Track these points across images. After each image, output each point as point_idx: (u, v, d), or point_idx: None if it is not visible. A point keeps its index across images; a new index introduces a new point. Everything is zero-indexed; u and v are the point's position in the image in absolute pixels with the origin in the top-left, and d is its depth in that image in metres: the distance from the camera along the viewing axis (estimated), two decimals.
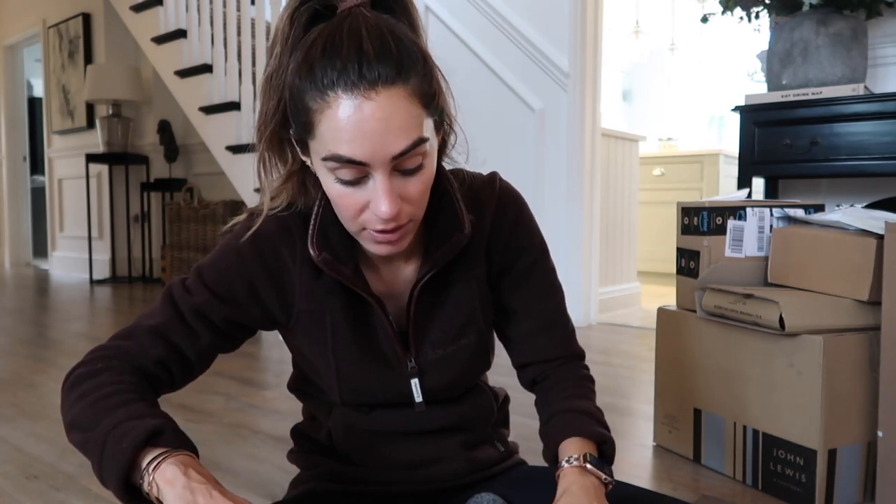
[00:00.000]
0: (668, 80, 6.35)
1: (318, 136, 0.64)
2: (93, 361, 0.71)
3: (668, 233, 4.68)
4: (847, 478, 1.26)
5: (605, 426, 0.78)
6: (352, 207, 0.66)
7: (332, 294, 0.75)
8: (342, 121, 0.61)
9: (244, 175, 3.27)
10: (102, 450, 0.62)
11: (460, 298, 0.79)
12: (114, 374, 0.69)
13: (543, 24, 3.32)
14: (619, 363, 2.49)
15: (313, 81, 0.62)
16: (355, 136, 0.61)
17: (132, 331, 0.74)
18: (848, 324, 1.27)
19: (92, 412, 0.65)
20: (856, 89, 1.91)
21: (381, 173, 0.63)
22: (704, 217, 1.48)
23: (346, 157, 0.62)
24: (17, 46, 6.37)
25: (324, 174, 0.66)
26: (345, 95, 0.61)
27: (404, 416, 0.80)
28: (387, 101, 0.61)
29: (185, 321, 0.74)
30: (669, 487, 1.38)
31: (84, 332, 3.18)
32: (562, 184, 3.27)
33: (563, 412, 0.79)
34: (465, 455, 0.84)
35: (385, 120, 0.61)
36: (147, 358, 0.72)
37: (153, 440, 0.61)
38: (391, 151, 0.62)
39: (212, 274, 0.75)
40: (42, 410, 1.89)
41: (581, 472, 0.71)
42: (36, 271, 5.97)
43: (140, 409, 0.65)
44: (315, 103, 0.62)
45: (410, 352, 0.78)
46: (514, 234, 0.81)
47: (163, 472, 0.60)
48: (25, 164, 6.56)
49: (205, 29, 3.47)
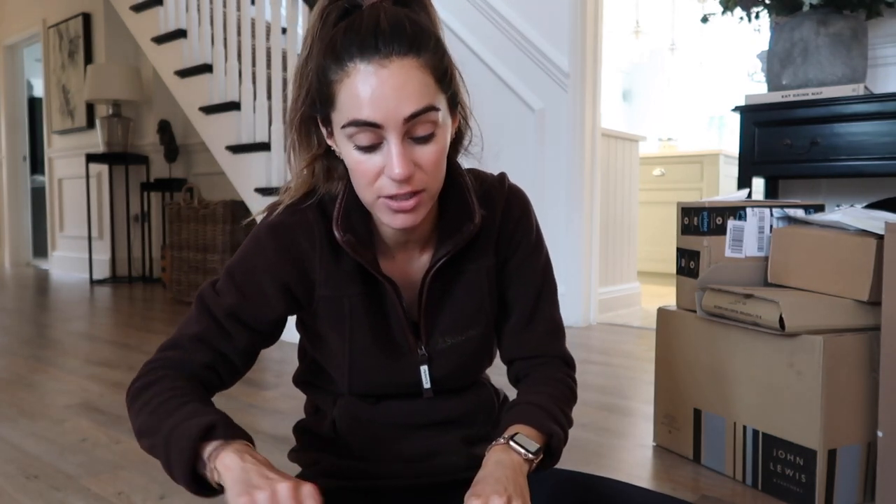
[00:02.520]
0: (668, 80, 6.34)
1: (338, 106, 0.69)
2: (147, 374, 0.76)
3: (668, 233, 4.68)
4: (847, 478, 1.26)
5: (560, 424, 0.80)
6: (368, 174, 0.70)
7: (351, 281, 0.79)
8: (359, 86, 0.67)
9: (244, 175, 3.27)
10: (168, 452, 0.67)
11: (471, 288, 0.83)
12: (167, 382, 0.74)
13: (543, 24, 3.32)
14: (619, 363, 2.49)
15: (335, 57, 0.68)
16: (371, 100, 0.67)
17: (176, 341, 0.78)
18: (848, 324, 1.27)
19: (154, 419, 0.70)
20: (856, 89, 1.91)
21: (395, 136, 0.68)
22: (704, 217, 1.48)
23: (362, 119, 0.67)
24: (17, 46, 6.37)
25: (344, 145, 0.71)
26: (362, 65, 0.67)
27: (410, 406, 0.84)
28: (400, 70, 0.67)
29: (221, 325, 0.77)
30: (669, 487, 1.38)
31: (84, 332, 3.18)
32: (562, 184, 3.27)
33: (520, 404, 0.82)
34: (465, 450, 0.86)
35: (398, 86, 0.67)
36: (194, 364, 0.76)
37: (209, 435, 0.66)
38: (403, 113, 0.67)
39: (240, 274, 0.79)
40: (42, 410, 1.89)
41: (504, 448, 0.75)
42: (36, 271, 5.97)
43: (194, 409, 0.70)
44: (336, 75, 0.68)
45: (421, 339, 0.81)
46: (516, 230, 0.85)
47: (222, 460, 0.65)
48: (25, 163, 6.56)
49: (205, 29, 3.47)
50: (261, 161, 3.17)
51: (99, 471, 1.46)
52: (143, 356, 2.59)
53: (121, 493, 1.35)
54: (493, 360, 0.91)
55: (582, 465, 0.89)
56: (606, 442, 1.63)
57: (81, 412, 1.87)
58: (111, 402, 1.97)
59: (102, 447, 1.60)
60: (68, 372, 2.34)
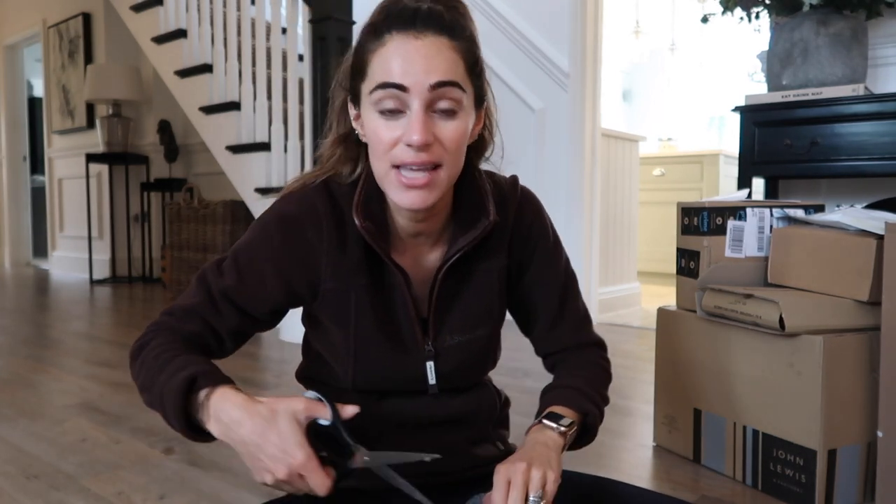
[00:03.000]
0: (668, 80, 6.34)
1: (370, 73, 0.73)
2: (146, 335, 0.80)
3: (667, 233, 4.67)
4: (847, 478, 1.26)
5: (596, 403, 0.85)
6: (387, 140, 0.72)
7: (358, 272, 0.80)
8: (392, 52, 0.71)
9: (244, 175, 3.27)
10: (163, 406, 0.72)
11: (481, 288, 0.84)
12: (162, 340, 0.77)
13: (543, 24, 3.32)
14: (619, 363, 2.47)
15: (374, 31, 0.73)
16: (400, 64, 0.71)
17: (172, 309, 0.81)
18: (848, 324, 1.26)
19: (149, 374, 0.75)
20: (856, 89, 1.91)
21: (418, 102, 0.71)
22: (704, 217, 1.48)
23: (390, 81, 0.71)
24: (17, 46, 6.37)
25: (369, 115, 0.74)
26: (398, 35, 0.71)
27: (413, 404, 0.84)
28: (432, 43, 0.71)
29: (215, 303, 0.79)
30: (669, 487, 1.38)
31: (84, 331, 3.18)
32: (562, 184, 3.27)
33: (557, 388, 0.86)
34: (466, 450, 0.87)
35: (428, 55, 0.71)
36: (185, 332, 0.79)
37: (194, 385, 0.70)
38: (430, 80, 0.70)
39: (244, 258, 0.80)
40: (42, 410, 1.89)
41: (539, 428, 0.80)
42: (36, 271, 5.97)
43: (180, 363, 0.73)
44: (372, 45, 0.73)
45: (429, 336, 0.82)
46: (531, 234, 0.87)
47: (214, 407, 0.70)
48: (25, 163, 6.56)
49: (205, 29, 3.47)
50: (261, 161, 3.17)
51: (99, 471, 1.46)
52: None
53: (121, 493, 1.35)
54: (497, 362, 0.92)
55: (582, 465, 0.89)
56: (606, 442, 1.63)
57: (81, 412, 1.87)
58: (111, 402, 1.97)
59: (102, 447, 1.60)
60: (68, 372, 2.34)
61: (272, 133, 3.10)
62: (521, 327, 0.94)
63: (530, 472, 0.72)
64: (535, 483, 0.71)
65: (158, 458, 1.52)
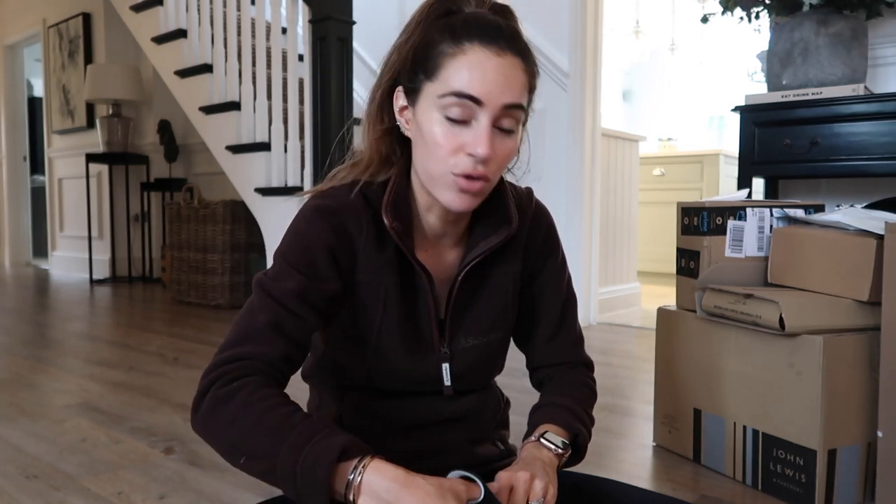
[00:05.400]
0: (668, 80, 6.34)
1: (441, 76, 0.73)
2: (223, 380, 0.70)
3: (667, 233, 4.68)
4: (847, 478, 1.26)
5: (585, 424, 0.86)
6: (449, 146, 0.73)
7: (390, 269, 0.81)
8: (473, 62, 0.72)
9: (244, 175, 3.27)
10: (296, 481, 0.64)
11: (497, 292, 0.86)
12: (253, 389, 0.69)
13: (543, 24, 3.32)
14: (619, 363, 2.49)
15: (453, 35, 0.73)
16: (481, 77, 0.72)
17: (246, 335, 0.73)
18: (848, 324, 1.26)
19: (260, 438, 0.66)
20: (856, 89, 1.91)
21: (488, 118, 0.73)
22: (704, 217, 1.48)
23: (467, 92, 0.72)
24: (17, 46, 6.37)
25: (429, 115, 0.74)
26: (481, 47, 0.72)
27: (420, 403, 0.86)
28: (512, 63, 0.73)
29: (289, 309, 0.74)
30: (669, 487, 1.38)
31: (84, 331, 3.18)
32: (562, 184, 3.27)
33: (547, 405, 0.87)
34: (467, 449, 0.88)
35: (507, 75, 0.73)
36: (272, 357, 0.73)
37: (342, 457, 0.64)
38: (504, 99, 0.73)
39: (295, 255, 0.78)
40: (42, 410, 1.89)
41: (536, 445, 0.81)
42: (36, 271, 5.97)
43: (309, 427, 0.66)
44: (449, 48, 0.73)
45: (445, 337, 0.84)
46: (544, 244, 0.90)
47: (369, 480, 0.63)
48: (25, 163, 6.56)
49: (205, 29, 3.47)
50: (261, 161, 3.17)
51: (99, 471, 1.46)
52: (144, 356, 2.60)
53: (121, 493, 1.35)
54: (504, 367, 0.94)
55: (582, 465, 0.89)
56: (606, 442, 1.63)
57: (81, 412, 1.87)
58: (111, 402, 1.97)
59: (102, 447, 1.60)
60: (68, 372, 2.34)
61: (272, 133, 3.10)
62: (518, 336, 0.95)
63: (533, 482, 0.74)
64: (536, 492, 0.73)
65: (158, 458, 1.52)
